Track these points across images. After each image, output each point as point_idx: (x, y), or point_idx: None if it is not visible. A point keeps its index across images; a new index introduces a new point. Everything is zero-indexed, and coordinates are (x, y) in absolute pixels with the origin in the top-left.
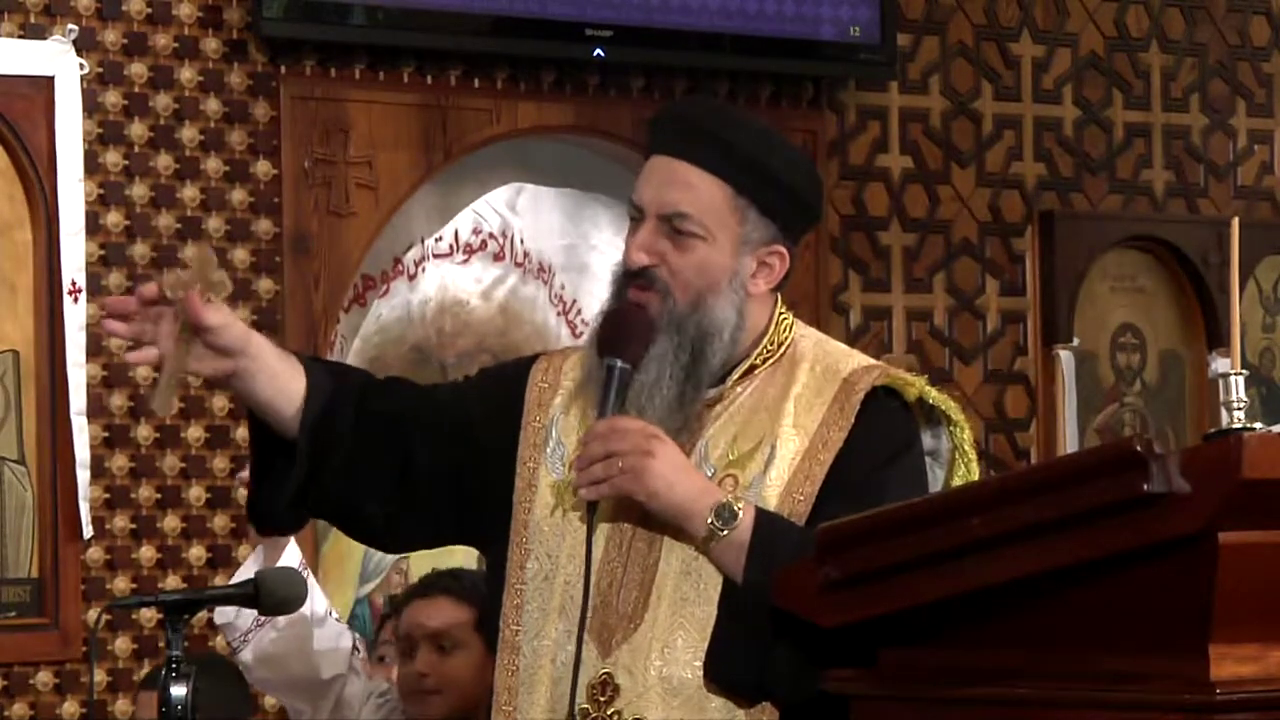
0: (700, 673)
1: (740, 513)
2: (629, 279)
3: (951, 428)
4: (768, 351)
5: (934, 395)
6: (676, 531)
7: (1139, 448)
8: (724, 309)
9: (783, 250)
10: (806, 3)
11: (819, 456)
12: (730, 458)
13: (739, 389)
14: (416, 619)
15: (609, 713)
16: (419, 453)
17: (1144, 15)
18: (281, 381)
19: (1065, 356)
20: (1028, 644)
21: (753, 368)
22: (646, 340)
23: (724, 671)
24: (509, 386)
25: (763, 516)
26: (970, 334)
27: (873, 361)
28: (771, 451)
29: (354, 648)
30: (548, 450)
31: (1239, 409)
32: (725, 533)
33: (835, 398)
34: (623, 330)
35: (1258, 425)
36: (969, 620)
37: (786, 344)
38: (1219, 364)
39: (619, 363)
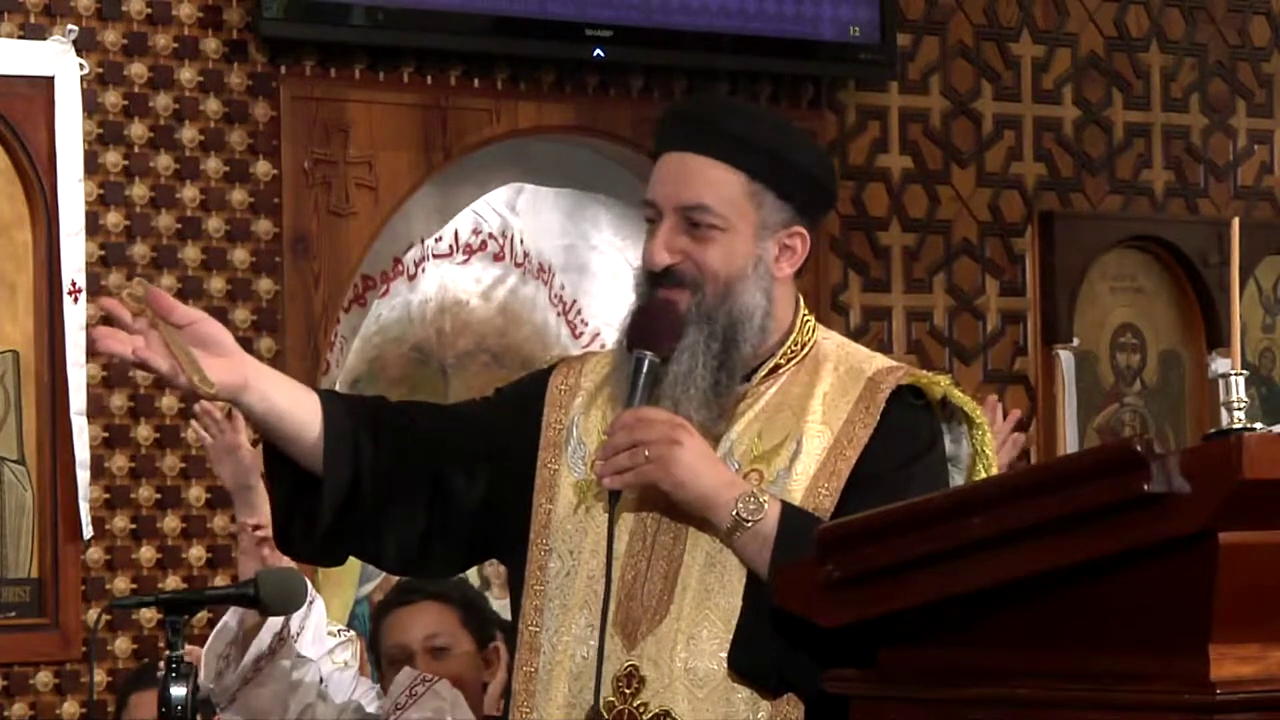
0: (725, 664)
1: (766, 505)
2: (655, 280)
3: (973, 430)
4: (791, 351)
5: (957, 396)
6: (701, 523)
7: (1139, 448)
8: (752, 295)
9: (803, 231)
10: (806, 3)
11: (844, 453)
12: (755, 453)
13: (763, 387)
14: (406, 628)
15: (635, 704)
16: (447, 473)
17: (1144, 15)
18: (295, 394)
19: (1065, 356)
20: (1028, 644)
21: (777, 367)
22: (676, 334)
23: (748, 662)
24: (529, 395)
25: (788, 509)
26: (970, 334)
27: (895, 362)
28: (797, 447)
29: (320, 679)
30: (568, 450)
31: (1239, 409)
32: (750, 524)
33: (860, 396)
34: (652, 325)
35: (1258, 425)
36: (969, 620)
37: (810, 345)
38: (1219, 364)
39: (648, 355)
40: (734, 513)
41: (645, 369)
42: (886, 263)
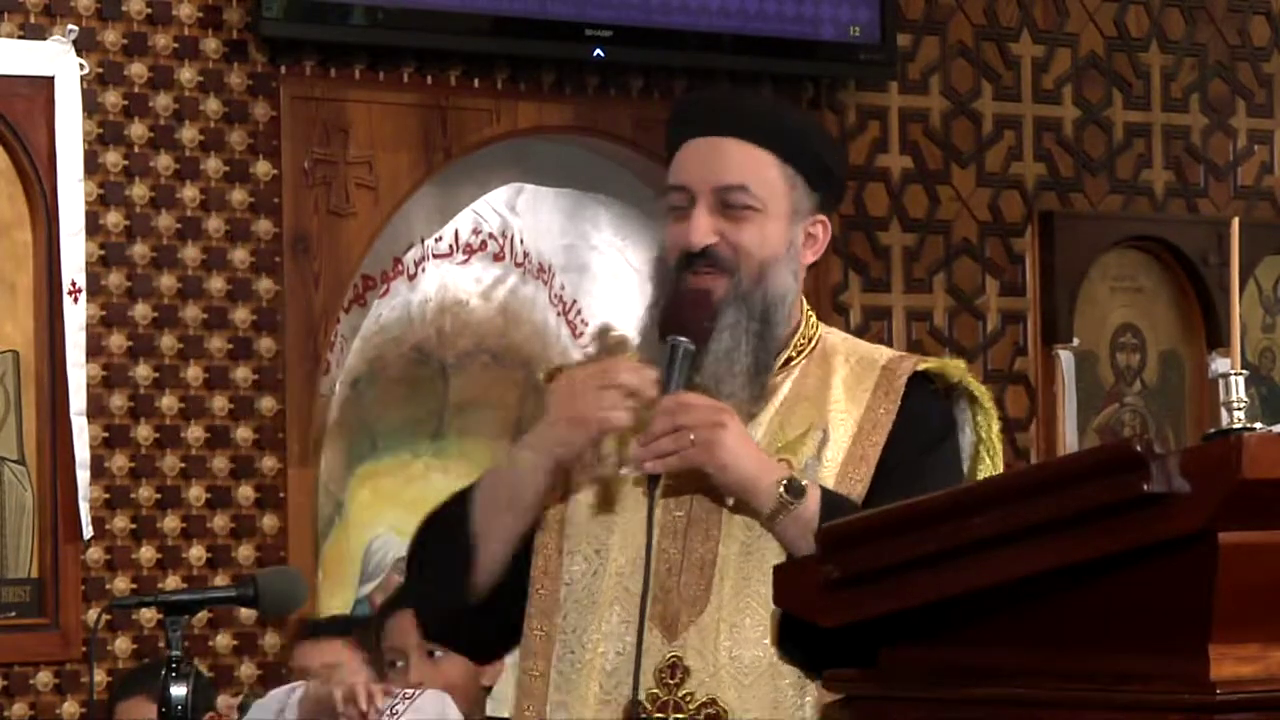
0: (770, 651)
1: (807, 488)
2: (689, 262)
3: (979, 417)
4: (801, 345)
5: (972, 382)
6: (736, 508)
7: (1139, 448)
8: (785, 278)
9: (825, 221)
10: (806, 3)
11: (871, 438)
12: (779, 444)
13: (778, 379)
14: (405, 631)
15: (681, 695)
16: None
17: (1144, 15)
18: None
19: (1065, 356)
20: (1028, 644)
21: (789, 360)
22: (710, 320)
23: (793, 645)
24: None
25: (827, 494)
26: (970, 334)
27: (903, 352)
28: (824, 435)
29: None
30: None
31: (1239, 409)
32: (794, 506)
33: (878, 383)
34: (686, 311)
35: (1258, 425)
36: (969, 620)
37: (816, 339)
38: (1219, 364)
39: (683, 342)
40: (779, 495)
41: (680, 355)
42: (886, 263)
